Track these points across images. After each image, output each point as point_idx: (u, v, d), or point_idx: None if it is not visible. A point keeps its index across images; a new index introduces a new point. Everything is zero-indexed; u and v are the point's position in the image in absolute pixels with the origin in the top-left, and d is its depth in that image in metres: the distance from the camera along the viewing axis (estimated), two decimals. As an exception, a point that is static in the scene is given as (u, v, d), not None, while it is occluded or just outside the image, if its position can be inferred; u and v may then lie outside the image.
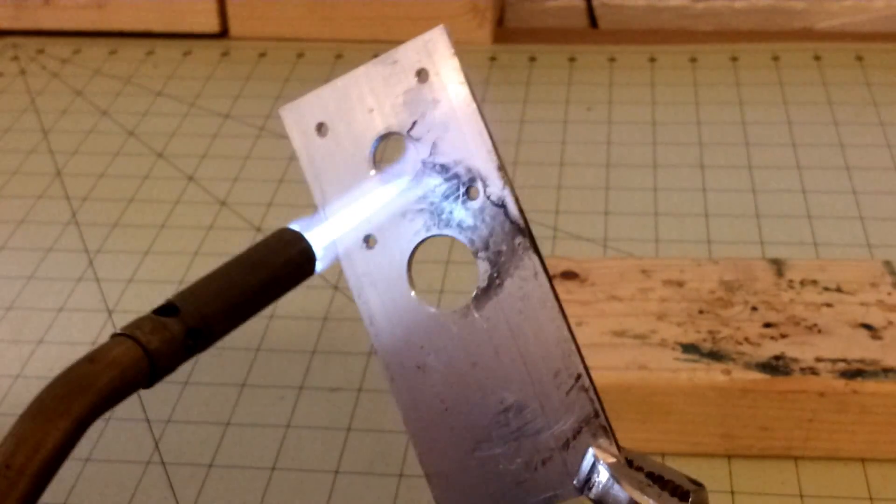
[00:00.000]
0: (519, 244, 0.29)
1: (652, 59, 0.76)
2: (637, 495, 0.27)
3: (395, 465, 0.46)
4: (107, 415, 0.52)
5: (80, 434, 0.25)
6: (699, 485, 0.28)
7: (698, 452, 0.45)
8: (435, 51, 0.30)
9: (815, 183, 0.62)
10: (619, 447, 0.28)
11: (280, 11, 0.80)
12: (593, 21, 0.83)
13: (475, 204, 0.29)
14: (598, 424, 0.28)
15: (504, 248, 0.29)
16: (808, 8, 0.79)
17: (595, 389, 0.28)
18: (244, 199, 0.64)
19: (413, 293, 0.30)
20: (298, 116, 0.32)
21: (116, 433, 0.49)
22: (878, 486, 0.44)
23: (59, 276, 0.59)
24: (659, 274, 0.49)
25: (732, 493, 0.44)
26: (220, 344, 0.56)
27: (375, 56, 0.30)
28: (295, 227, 0.31)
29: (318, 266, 0.31)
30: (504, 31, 0.82)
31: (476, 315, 0.30)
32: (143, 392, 0.53)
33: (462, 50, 0.29)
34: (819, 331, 0.45)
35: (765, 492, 0.44)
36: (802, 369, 0.44)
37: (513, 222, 0.29)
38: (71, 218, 0.63)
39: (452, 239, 0.29)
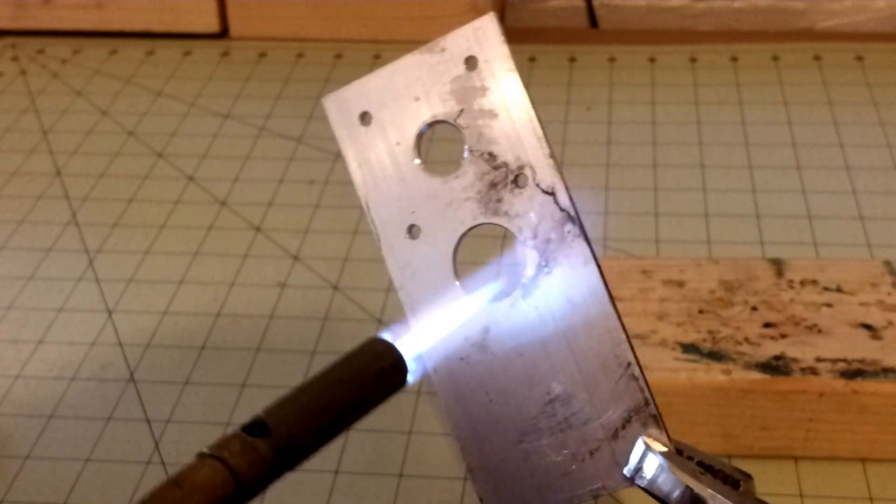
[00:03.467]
0: (569, 232, 0.28)
1: (652, 59, 0.76)
2: (692, 483, 0.27)
3: (395, 465, 0.46)
4: (106, 414, 0.52)
5: None
6: (748, 475, 0.28)
7: (698, 452, 0.45)
8: (484, 38, 0.29)
9: (815, 183, 0.62)
10: (669, 436, 0.28)
11: (280, 11, 0.80)
12: (593, 21, 0.83)
13: (524, 192, 0.29)
14: (648, 413, 0.28)
15: (553, 235, 0.29)
16: (808, 8, 0.79)
17: (645, 378, 0.28)
18: (244, 199, 0.64)
19: (458, 283, 0.30)
20: (341, 105, 0.31)
21: (116, 433, 0.49)
22: (878, 486, 0.44)
23: (59, 276, 0.59)
24: (659, 274, 0.49)
25: (732, 493, 0.44)
26: (219, 344, 0.56)
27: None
28: (386, 336, 0.29)
29: (410, 378, 0.29)
30: (504, 31, 0.81)
31: (524, 304, 0.29)
32: (143, 392, 0.53)
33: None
34: (819, 331, 0.45)
35: (765, 492, 0.44)
36: (802, 369, 0.44)
37: (562, 210, 0.28)
38: (71, 218, 0.63)
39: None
